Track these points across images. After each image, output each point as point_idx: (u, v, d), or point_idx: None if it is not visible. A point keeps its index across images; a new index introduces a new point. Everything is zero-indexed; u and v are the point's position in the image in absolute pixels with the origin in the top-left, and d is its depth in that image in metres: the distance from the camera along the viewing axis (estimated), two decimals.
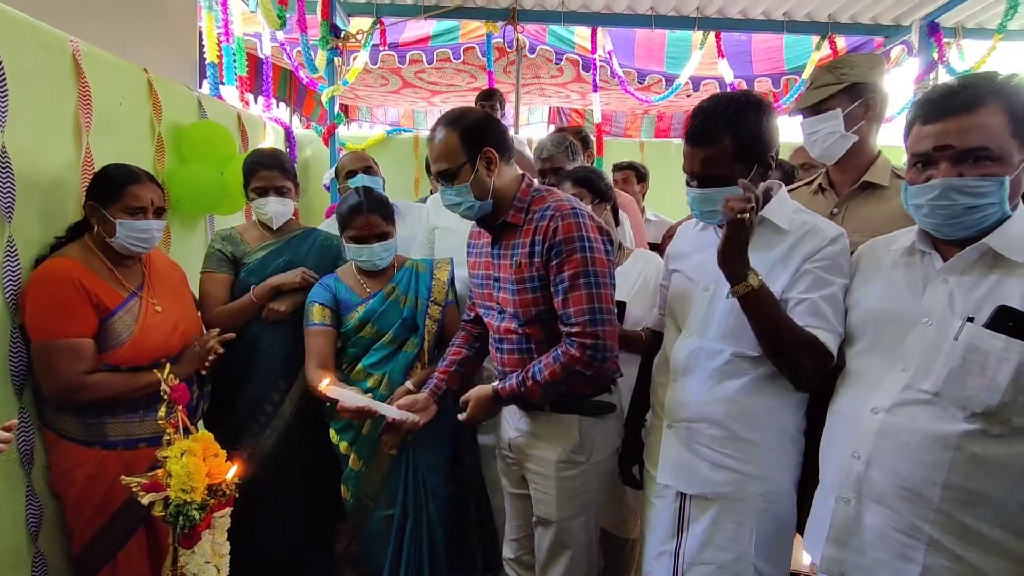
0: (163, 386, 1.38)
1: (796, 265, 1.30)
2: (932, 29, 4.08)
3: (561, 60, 4.85)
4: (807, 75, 4.43)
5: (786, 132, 1.70)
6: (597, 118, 4.64)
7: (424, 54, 4.72)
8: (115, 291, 1.65)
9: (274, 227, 2.06)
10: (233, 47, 3.21)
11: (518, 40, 4.27)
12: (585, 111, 6.82)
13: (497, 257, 1.54)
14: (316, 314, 1.87)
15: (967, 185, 1.05)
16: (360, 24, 4.10)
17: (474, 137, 1.46)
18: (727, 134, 1.30)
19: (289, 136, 3.62)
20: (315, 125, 5.67)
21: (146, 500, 1.30)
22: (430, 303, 1.90)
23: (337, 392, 1.62)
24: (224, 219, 2.68)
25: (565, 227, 1.41)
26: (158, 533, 1.63)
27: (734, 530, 1.35)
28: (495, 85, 4.13)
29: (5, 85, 1.50)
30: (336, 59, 3.92)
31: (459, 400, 1.61)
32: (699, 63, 4.53)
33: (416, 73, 5.31)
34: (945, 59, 4.10)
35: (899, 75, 4.85)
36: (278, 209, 2.03)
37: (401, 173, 4.16)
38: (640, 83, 5.07)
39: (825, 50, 4.33)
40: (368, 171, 2.41)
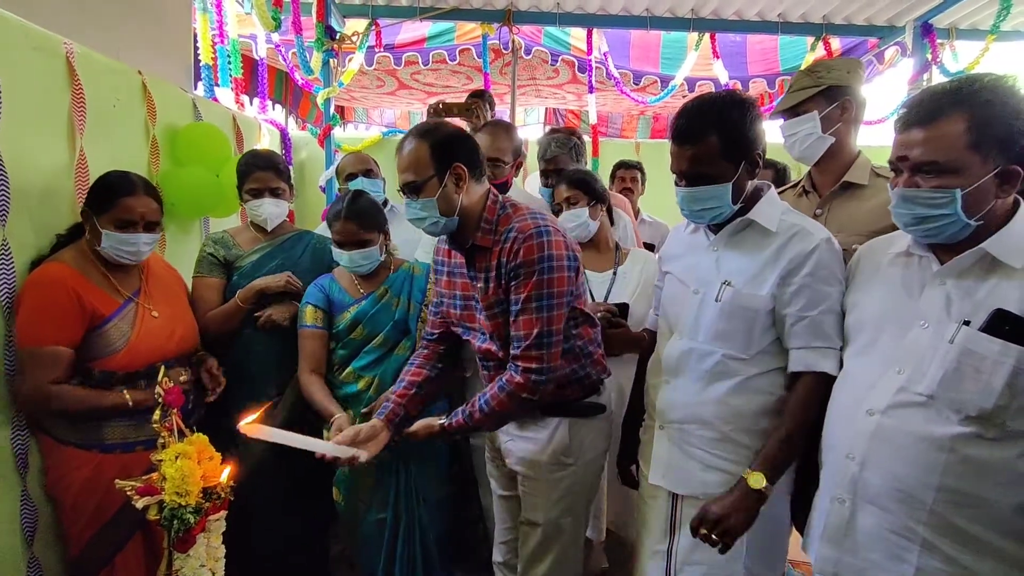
0: (158, 389, 1.37)
1: (783, 267, 1.31)
2: (926, 30, 4.09)
3: (557, 61, 4.85)
4: None
5: (777, 134, 1.72)
6: (593, 119, 4.64)
7: (420, 56, 4.71)
8: (110, 297, 1.64)
9: (268, 229, 2.05)
10: (228, 49, 3.20)
11: (514, 41, 4.27)
12: (581, 112, 6.82)
13: (474, 279, 1.52)
14: (308, 315, 1.87)
15: (919, 196, 1.07)
16: (355, 25, 4.09)
17: (445, 151, 1.43)
18: (713, 131, 1.30)
19: (285, 138, 3.61)
20: (311, 127, 5.66)
21: (140, 503, 1.29)
22: (423, 307, 1.90)
23: (261, 431, 1.40)
24: (219, 222, 2.67)
25: (526, 250, 1.39)
26: (155, 537, 1.62)
27: None
28: (491, 87, 4.12)
29: None
30: (332, 61, 3.91)
31: (403, 433, 1.54)
32: (694, 64, 4.54)
33: (412, 75, 5.31)
34: (939, 60, 4.12)
35: (893, 76, 4.87)
36: (273, 211, 2.02)
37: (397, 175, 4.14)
38: (636, 84, 5.07)
39: (820, 51, 4.34)
40: (369, 174, 2.40)
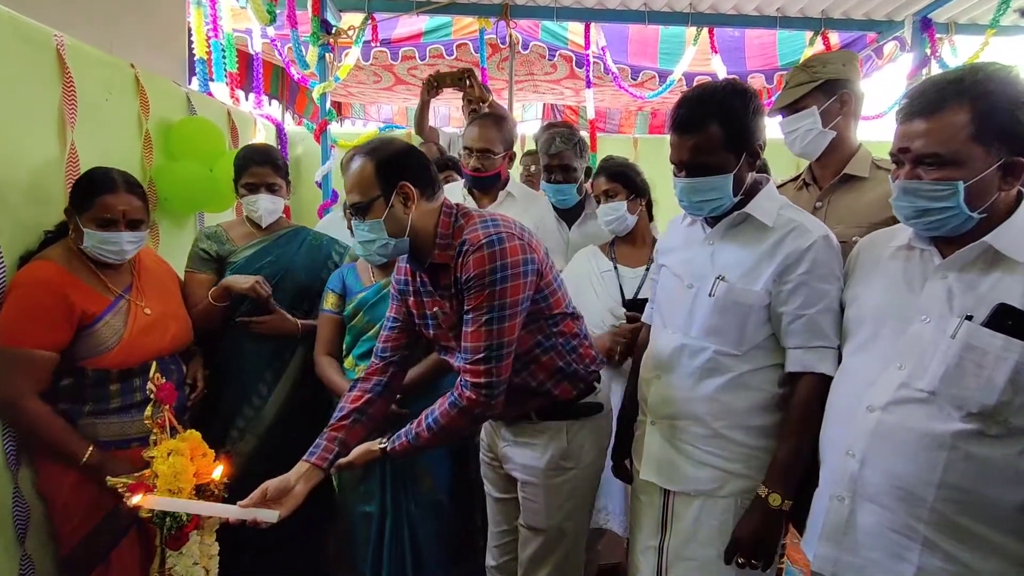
0: (149, 385, 1.36)
1: (779, 263, 1.29)
2: (925, 25, 4.08)
3: (554, 56, 4.83)
4: None
5: (775, 130, 1.70)
6: (591, 114, 4.62)
7: (417, 50, 4.68)
8: (100, 295, 1.62)
9: (263, 225, 2.03)
10: (222, 43, 3.17)
11: (511, 36, 4.24)
12: (579, 108, 6.80)
13: (442, 298, 1.46)
14: (327, 300, 1.92)
15: (921, 188, 1.06)
16: (351, 20, 4.06)
17: (391, 170, 1.36)
18: (715, 121, 1.29)
19: (280, 133, 3.59)
20: (307, 122, 5.63)
21: (132, 501, 1.28)
22: None
23: (154, 502, 1.29)
24: (213, 216, 2.65)
25: (475, 261, 1.33)
26: (150, 533, 1.61)
27: (717, 527, 1.35)
28: (488, 82, 4.10)
29: None
30: (328, 55, 3.89)
31: (338, 465, 1.44)
32: (692, 59, 4.52)
33: (409, 70, 5.28)
34: (938, 55, 4.11)
35: (892, 71, 4.86)
36: (268, 207, 2.00)
37: None
38: (634, 79, 5.06)
39: (819, 46, 4.33)
40: None
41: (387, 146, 1.41)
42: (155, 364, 1.45)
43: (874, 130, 5.72)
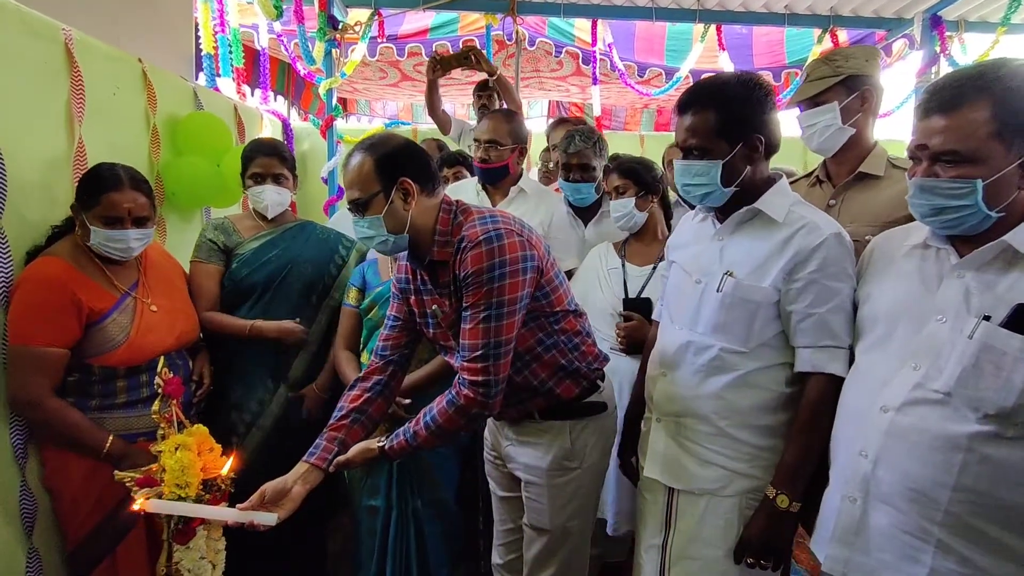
0: (157, 379, 1.36)
1: (788, 260, 1.27)
2: (935, 22, 4.05)
3: (561, 53, 4.81)
4: None
5: (791, 126, 1.69)
6: (597, 112, 4.62)
7: (423, 47, 4.67)
8: (107, 292, 1.62)
9: (269, 216, 2.03)
10: (229, 38, 3.17)
11: (517, 32, 4.22)
12: (585, 105, 6.78)
13: (441, 296, 1.45)
14: (349, 295, 1.95)
15: (939, 186, 1.04)
16: (358, 15, 4.06)
17: (391, 166, 1.35)
18: (711, 105, 1.29)
19: (286, 129, 3.59)
20: (313, 118, 5.63)
21: (139, 496, 1.28)
22: None
23: (154, 506, 1.28)
24: (220, 212, 2.65)
25: (473, 258, 1.32)
26: (158, 528, 1.61)
27: (722, 527, 1.33)
28: None
29: None
30: (334, 51, 3.88)
31: (337, 463, 1.42)
32: (700, 57, 4.49)
33: (415, 66, 5.27)
34: (948, 52, 4.07)
35: (901, 69, 4.82)
36: (274, 198, 2.00)
37: None
38: (640, 77, 5.04)
39: (827, 43, 4.30)
40: None
41: (387, 142, 1.40)
42: (163, 359, 1.45)
43: (882, 128, 5.69)
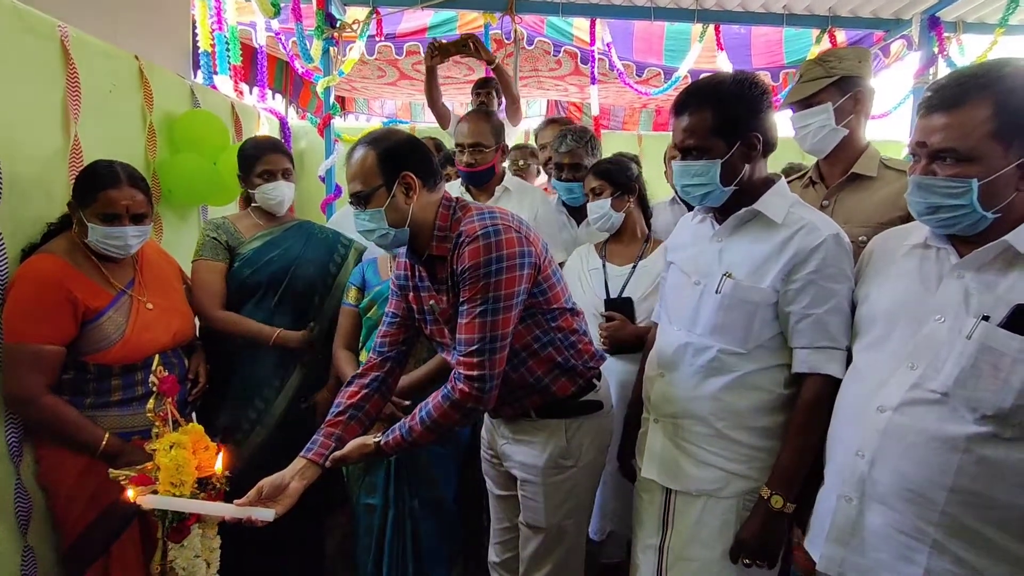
0: (152, 377, 1.36)
1: (787, 261, 1.28)
2: (933, 23, 4.05)
3: (559, 52, 4.81)
4: None
5: (786, 126, 1.69)
6: (595, 111, 4.61)
7: (421, 45, 4.65)
8: (103, 290, 1.61)
9: (281, 212, 2.05)
10: (226, 36, 3.17)
11: (516, 31, 4.22)
12: (583, 104, 6.77)
13: (438, 292, 1.46)
14: (349, 294, 1.95)
15: (935, 184, 1.04)
16: (356, 14, 4.04)
17: (393, 160, 1.36)
18: (708, 105, 1.29)
19: (284, 127, 3.58)
20: (310, 116, 5.62)
21: (134, 494, 1.28)
22: None
23: (152, 501, 1.28)
24: (217, 209, 2.65)
25: (470, 253, 1.33)
26: (152, 526, 1.61)
27: (719, 528, 1.34)
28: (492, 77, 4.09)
29: None
30: (332, 49, 3.87)
31: (333, 459, 1.42)
32: (698, 56, 4.49)
33: (413, 65, 5.26)
34: (946, 53, 4.08)
35: (899, 70, 4.82)
36: (288, 193, 2.03)
37: None
38: (638, 76, 5.04)
39: (825, 44, 4.30)
40: None
41: (390, 136, 1.41)
42: (157, 357, 1.45)
43: (880, 129, 5.70)
